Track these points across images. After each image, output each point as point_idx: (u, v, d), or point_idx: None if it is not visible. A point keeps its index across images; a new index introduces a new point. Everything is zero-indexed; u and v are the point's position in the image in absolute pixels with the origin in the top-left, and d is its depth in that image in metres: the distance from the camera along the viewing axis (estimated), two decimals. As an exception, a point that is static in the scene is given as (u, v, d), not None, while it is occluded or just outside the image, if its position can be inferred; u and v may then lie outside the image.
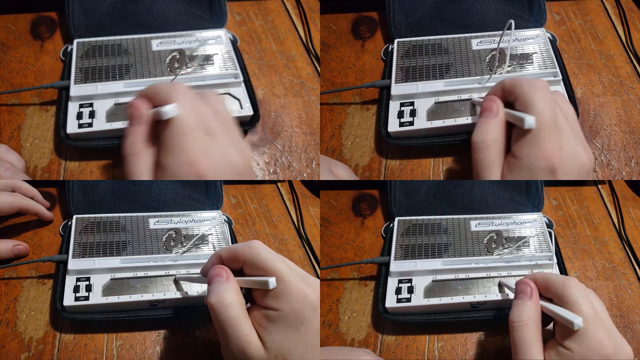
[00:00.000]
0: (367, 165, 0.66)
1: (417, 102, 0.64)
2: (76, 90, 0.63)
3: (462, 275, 0.63)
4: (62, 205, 0.70)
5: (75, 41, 0.66)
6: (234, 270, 0.51)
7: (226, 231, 0.67)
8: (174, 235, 0.65)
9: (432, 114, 0.63)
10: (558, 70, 0.65)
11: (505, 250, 0.65)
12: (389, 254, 0.66)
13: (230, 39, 0.69)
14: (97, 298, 0.59)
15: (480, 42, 0.67)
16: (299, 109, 0.68)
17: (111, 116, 0.62)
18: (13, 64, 0.68)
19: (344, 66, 0.71)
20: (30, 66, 0.68)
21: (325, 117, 0.68)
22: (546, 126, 0.52)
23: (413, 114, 0.64)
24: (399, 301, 0.61)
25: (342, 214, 0.73)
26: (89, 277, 0.60)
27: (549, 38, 0.67)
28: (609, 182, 0.75)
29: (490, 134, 0.54)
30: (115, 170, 0.63)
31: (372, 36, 0.72)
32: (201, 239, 0.65)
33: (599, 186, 0.75)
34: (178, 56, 0.66)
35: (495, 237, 0.66)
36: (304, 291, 0.48)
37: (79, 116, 0.62)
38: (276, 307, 0.48)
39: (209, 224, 0.67)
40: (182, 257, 0.63)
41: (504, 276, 0.63)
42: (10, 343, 0.58)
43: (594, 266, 0.67)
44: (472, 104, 0.63)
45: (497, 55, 0.65)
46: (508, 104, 0.55)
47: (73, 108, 0.62)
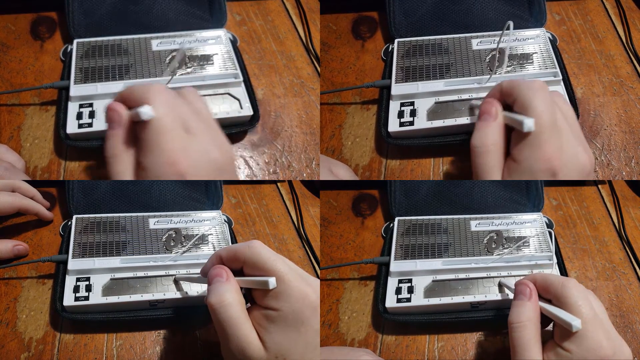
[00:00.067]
0: (367, 165, 0.66)
1: (417, 102, 0.64)
2: (76, 90, 0.63)
3: (462, 275, 0.63)
4: (62, 205, 0.70)
5: (75, 41, 0.66)
6: (234, 270, 0.50)
7: (226, 231, 0.67)
8: (174, 235, 0.65)
9: (432, 114, 0.63)
10: (558, 70, 0.65)
11: (505, 250, 0.65)
12: (389, 254, 0.66)
13: (230, 39, 0.69)
14: (97, 298, 0.59)
15: (481, 42, 0.67)
16: (299, 109, 0.68)
17: (111, 116, 0.62)
18: (13, 64, 0.68)
19: (344, 66, 0.71)
20: (30, 66, 0.68)
21: (326, 117, 0.68)
22: (545, 128, 0.51)
23: (413, 114, 0.64)
24: (399, 301, 0.61)
25: (342, 214, 0.73)
26: (89, 277, 0.60)
27: (549, 38, 0.67)
28: (609, 182, 0.75)
29: (489, 137, 0.54)
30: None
31: (372, 36, 0.72)
32: (201, 239, 0.65)
33: (599, 186, 0.75)
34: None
35: (495, 237, 0.66)
36: (304, 291, 0.48)
37: (79, 116, 0.62)
38: (276, 307, 0.48)
39: (209, 224, 0.67)
40: (182, 257, 0.63)
41: (504, 276, 0.63)
42: (10, 343, 0.58)
43: (594, 266, 0.67)
44: (470, 107, 0.63)
45: (497, 55, 0.65)
46: (507, 106, 0.55)
47: (73, 108, 0.62)
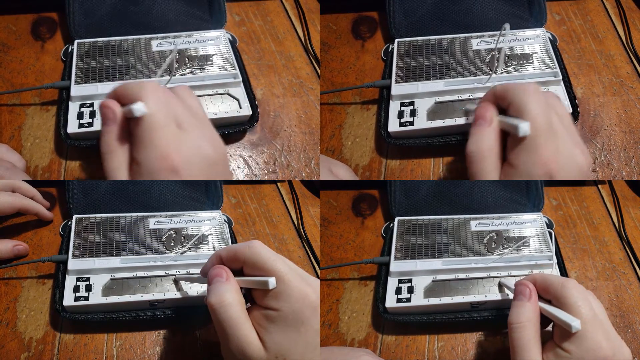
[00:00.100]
0: (367, 165, 0.66)
1: (417, 102, 0.64)
2: (77, 90, 0.63)
3: (462, 275, 0.63)
4: (62, 205, 0.70)
5: (76, 42, 0.66)
6: (234, 270, 0.51)
7: (226, 231, 0.67)
8: (174, 235, 0.65)
9: (432, 114, 0.63)
10: (558, 70, 0.65)
11: (505, 250, 0.65)
12: (389, 254, 0.66)
13: (229, 39, 0.69)
14: (97, 298, 0.59)
15: (481, 42, 0.67)
16: (298, 109, 0.68)
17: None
18: (14, 64, 0.68)
19: (344, 66, 0.71)
20: (31, 66, 0.68)
21: (326, 117, 0.68)
22: (541, 131, 0.51)
23: (413, 113, 0.64)
24: (399, 301, 0.61)
25: (342, 214, 0.73)
26: (89, 277, 0.60)
27: (549, 38, 0.67)
28: (609, 182, 0.75)
29: (485, 143, 0.53)
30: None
31: (372, 36, 0.72)
32: (201, 239, 0.65)
33: (599, 186, 0.75)
34: (177, 56, 0.66)
35: (495, 237, 0.66)
36: (304, 291, 0.48)
37: (80, 116, 0.62)
38: (276, 307, 0.48)
39: (209, 224, 0.67)
40: (182, 257, 0.63)
41: (504, 276, 0.63)
42: (10, 343, 0.58)
43: (594, 266, 0.67)
44: (464, 111, 0.62)
45: (497, 55, 0.65)
46: (501, 110, 0.54)
47: (74, 108, 0.63)
